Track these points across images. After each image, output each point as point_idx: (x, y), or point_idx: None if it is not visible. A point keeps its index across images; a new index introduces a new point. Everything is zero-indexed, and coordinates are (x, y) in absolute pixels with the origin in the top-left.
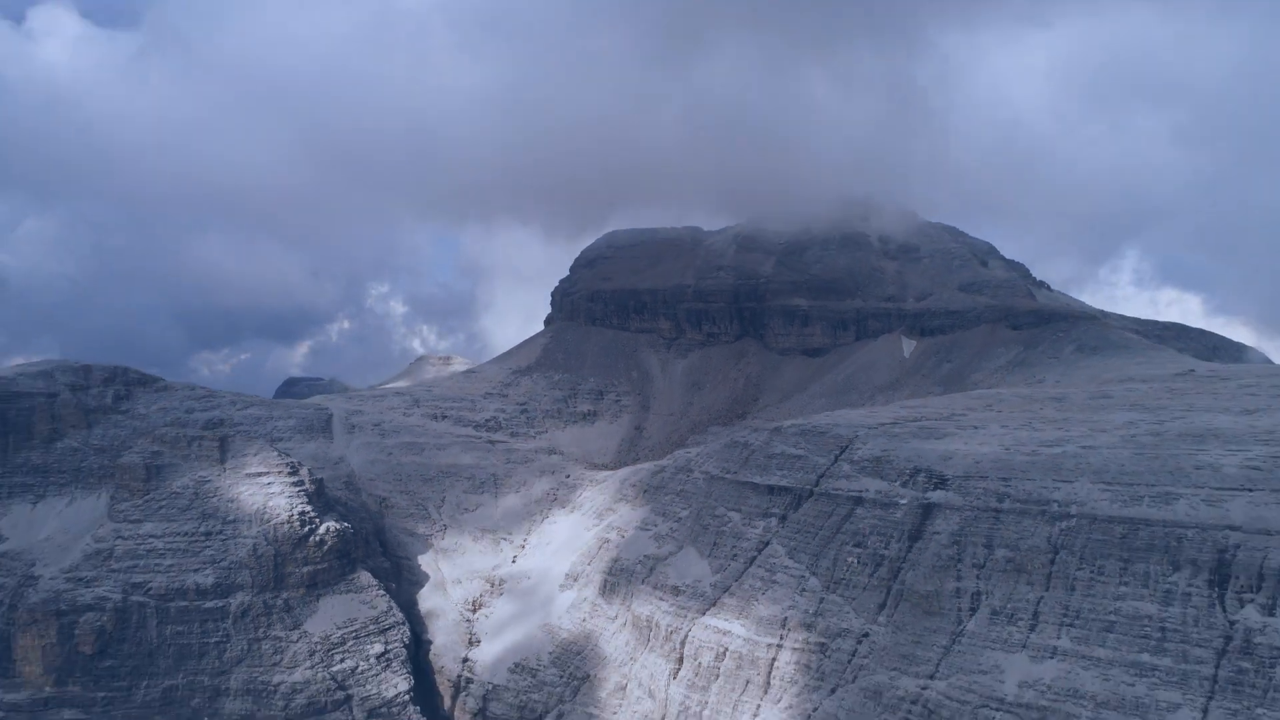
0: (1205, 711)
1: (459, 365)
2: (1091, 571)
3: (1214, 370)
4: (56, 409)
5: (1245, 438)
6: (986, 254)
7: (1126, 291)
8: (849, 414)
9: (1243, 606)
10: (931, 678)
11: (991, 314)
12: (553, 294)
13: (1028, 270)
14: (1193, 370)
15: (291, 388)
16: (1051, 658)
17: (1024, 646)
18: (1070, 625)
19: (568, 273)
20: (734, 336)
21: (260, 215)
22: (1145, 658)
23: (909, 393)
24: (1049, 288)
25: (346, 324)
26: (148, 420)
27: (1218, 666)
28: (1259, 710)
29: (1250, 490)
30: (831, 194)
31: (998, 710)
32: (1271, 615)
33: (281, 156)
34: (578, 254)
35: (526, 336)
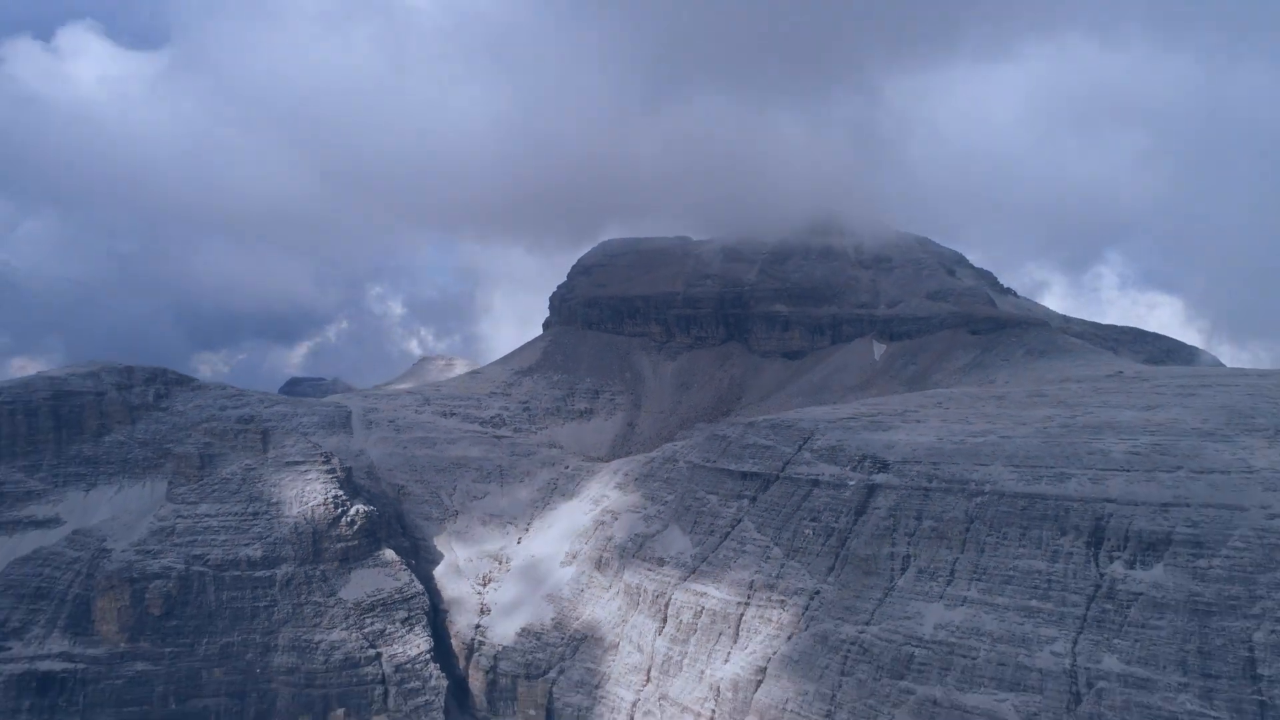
0: (1075, 643)
1: (461, 367)
2: (997, 537)
3: (1139, 372)
4: (104, 406)
5: (1137, 429)
6: (955, 263)
7: (1111, 295)
8: (813, 410)
9: (1111, 562)
10: (867, 624)
11: (954, 320)
12: (551, 299)
13: (995, 278)
14: (1120, 372)
15: (294, 388)
16: (962, 605)
17: (941, 597)
18: (978, 580)
19: (565, 279)
20: (720, 340)
21: (267, 226)
22: (1033, 603)
23: (877, 392)
24: (1015, 294)
25: (345, 325)
26: (185, 416)
27: (1087, 608)
28: (1115, 640)
29: (1128, 471)
30: (801, 216)
31: (917, 647)
32: (1132, 569)
33: (290, 172)
34: (574, 262)
35: (522, 338)
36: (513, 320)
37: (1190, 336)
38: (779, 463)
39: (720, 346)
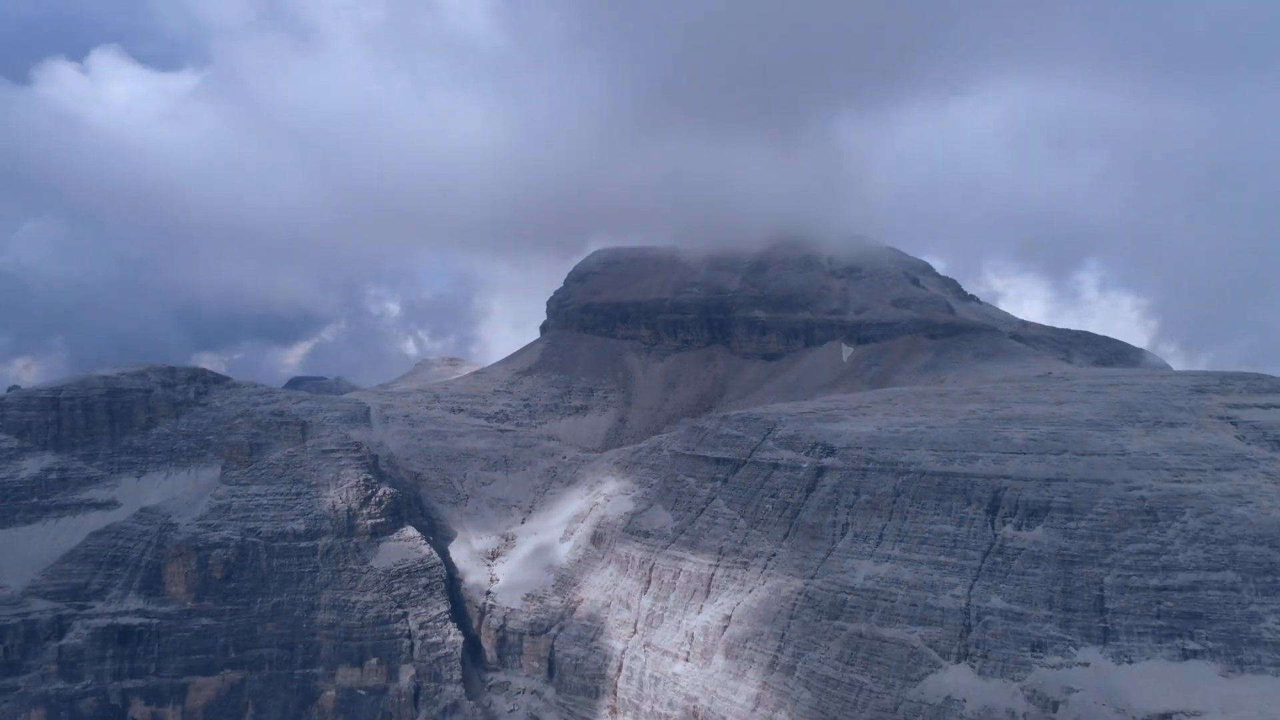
0: (970, 588)
1: (463, 368)
2: (918, 507)
3: (1065, 373)
4: (151, 402)
5: (1040, 420)
6: (921, 272)
7: (1091, 295)
8: (780, 406)
9: (1003, 525)
10: (812, 578)
11: (914, 326)
12: (548, 304)
13: (959, 286)
14: (1049, 373)
15: (295, 387)
16: (887, 561)
17: (871, 555)
18: (900, 541)
19: (561, 285)
20: (704, 343)
21: (275, 239)
22: (941, 558)
23: (843, 391)
24: (978, 300)
25: (342, 325)
26: (222, 411)
27: (982, 561)
28: (1000, 585)
29: (1024, 454)
30: (766, 236)
31: (849, 594)
32: (1019, 530)
33: (300, 189)
34: (569, 270)
35: (516, 340)
36: (508, 324)
37: (1139, 339)
38: (747, 450)
39: (704, 349)
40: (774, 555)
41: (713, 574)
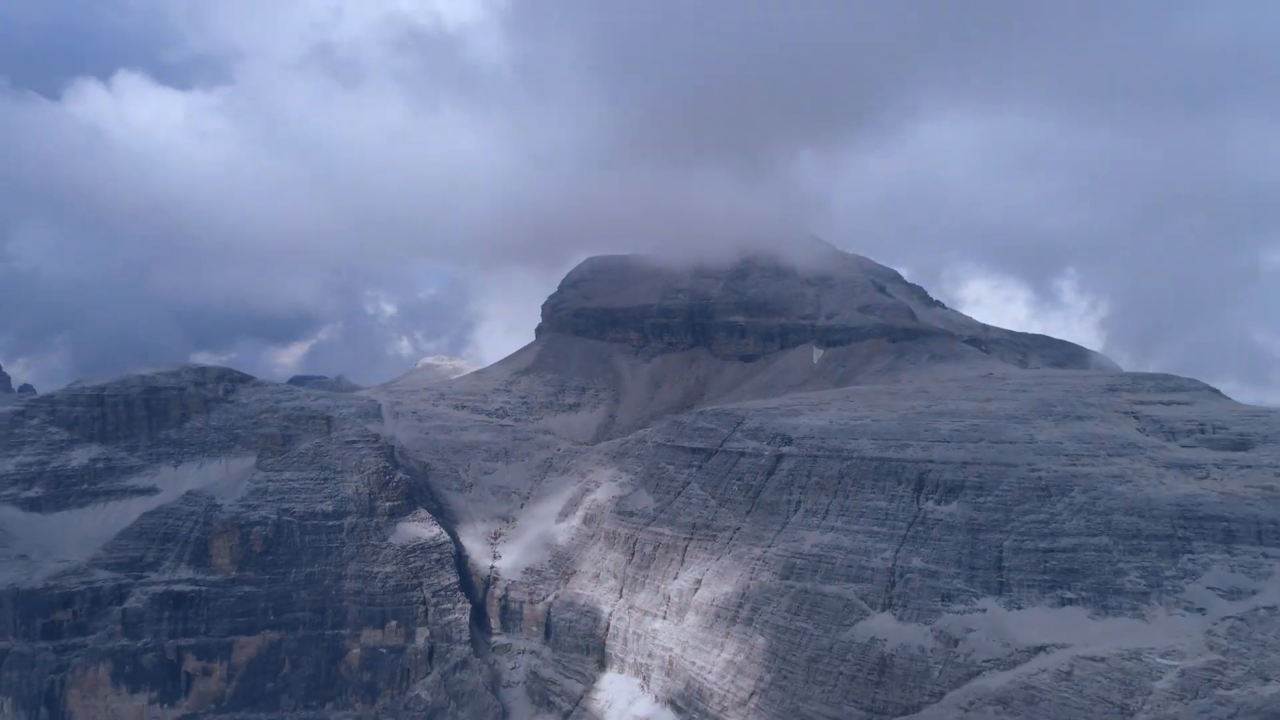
0: (896, 552)
1: (464, 368)
2: (858, 487)
3: (1005, 373)
4: (185, 399)
5: (968, 414)
6: (890, 280)
7: (1070, 297)
8: (750, 403)
9: (926, 501)
10: (769, 546)
11: (877, 330)
12: (543, 308)
13: (925, 292)
14: (991, 373)
15: (298, 385)
16: (831, 531)
17: (818, 527)
18: (842, 515)
19: (556, 290)
20: (688, 345)
21: (278, 246)
22: (875, 529)
23: (811, 389)
24: (943, 305)
25: (339, 325)
26: (248, 407)
27: (907, 530)
28: (920, 549)
29: (948, 442)
30: (732, 252)
31: (798, 559)
32: (939, 505)
33: (307, 205)
34: (562, 276)
35: (510, 342)
36: (501, 327)
37: (1091, 342)
38: (718, 440)
39: (688, 351)
40: (738, 529)
41: (687, 545)
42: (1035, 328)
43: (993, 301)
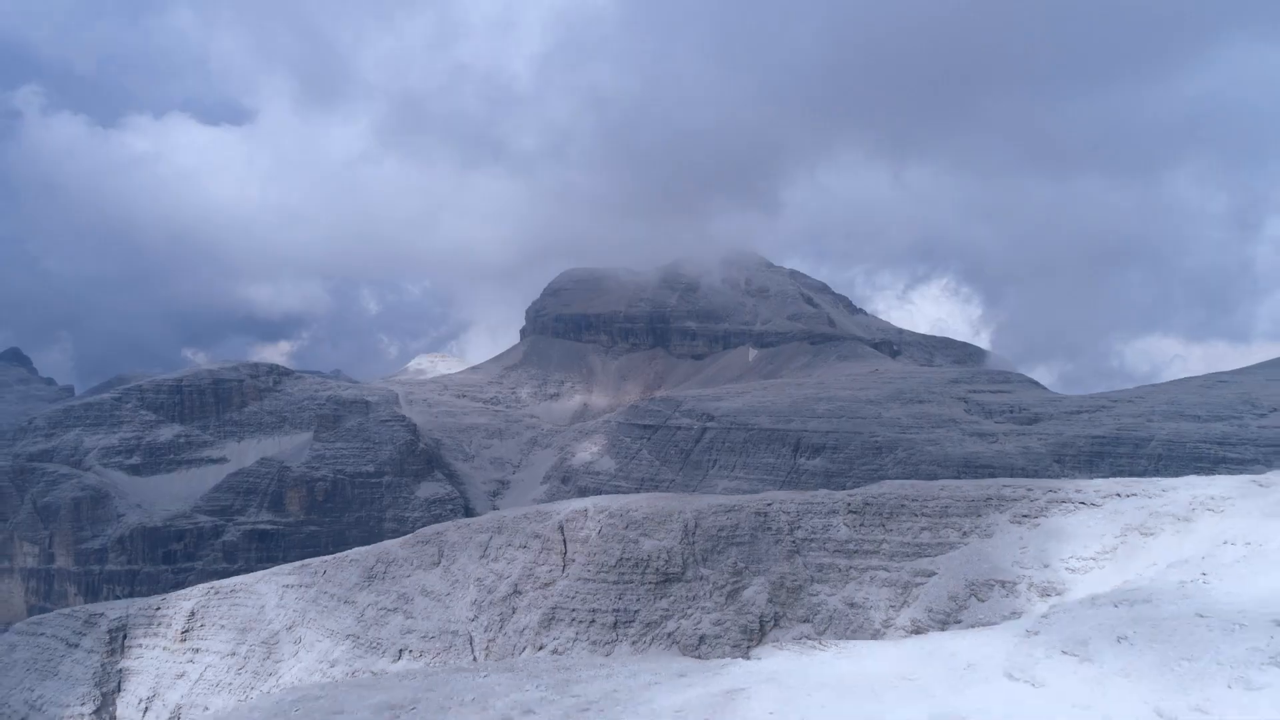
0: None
1: (449, 365)
2: (756, 449)
3: (888, 369)
4: (243, 388)
5: (840, 399)
6: (818, 291)
7: (972, 307)
8: (692, 391)
9: (799, 458)
10: (694, 491)
11: (801, 335)
12: (527, 312)
13: (850, 301)
14: (876, 370)
15: None
16: (735, 481)
17: (728, 478)
18: (743, 469)
19: (538, 297)
20: (649, 346)
21: (283, 257)
22: (765, 478)
23: (741, 383)
24: (865, 313)
25: (326, 323)
26: (292, 396)
27: (785, 478)
28: (793, 489)
29: (820, 417)
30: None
31: (714, 499)
32: (808, 461)
33: (313, 223)
34: (544, 286)
35: (495, 340)
36: (485, 326)
37: (984, 343)
38: (663, 418)
39: (649, 350)
40: (673, 480)
41: (635, 492)
42: (944, 331)
43: (906, 309)
